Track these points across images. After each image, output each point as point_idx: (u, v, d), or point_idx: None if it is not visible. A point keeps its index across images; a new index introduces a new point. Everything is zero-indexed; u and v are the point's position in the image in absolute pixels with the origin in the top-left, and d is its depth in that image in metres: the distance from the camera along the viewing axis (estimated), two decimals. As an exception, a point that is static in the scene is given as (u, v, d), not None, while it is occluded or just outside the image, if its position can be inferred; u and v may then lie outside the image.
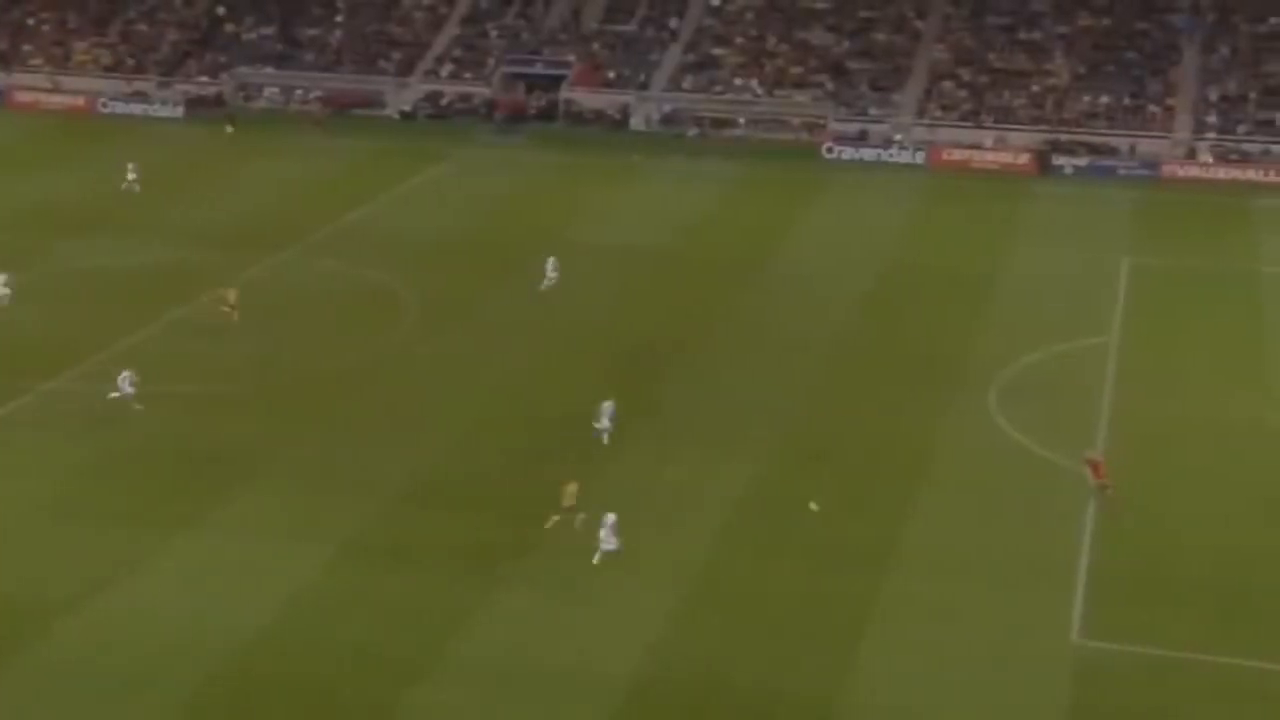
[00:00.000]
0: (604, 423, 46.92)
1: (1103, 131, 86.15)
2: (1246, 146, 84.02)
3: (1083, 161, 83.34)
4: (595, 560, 39.73)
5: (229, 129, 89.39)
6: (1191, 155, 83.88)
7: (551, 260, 60.48)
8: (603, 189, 78.42)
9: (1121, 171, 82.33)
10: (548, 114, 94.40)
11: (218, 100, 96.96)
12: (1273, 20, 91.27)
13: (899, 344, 56.41)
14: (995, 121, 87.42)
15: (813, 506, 43.38)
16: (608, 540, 39.84)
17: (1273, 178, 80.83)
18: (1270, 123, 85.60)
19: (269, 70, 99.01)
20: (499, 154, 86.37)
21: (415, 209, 74.88)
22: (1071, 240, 69.62)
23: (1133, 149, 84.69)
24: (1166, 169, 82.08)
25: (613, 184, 79.50)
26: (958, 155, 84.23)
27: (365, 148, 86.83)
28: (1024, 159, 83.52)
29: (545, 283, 60.26)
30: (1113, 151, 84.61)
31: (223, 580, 39.33)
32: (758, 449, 47.22)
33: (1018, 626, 37.53)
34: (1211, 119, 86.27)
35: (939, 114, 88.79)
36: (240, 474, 45.23)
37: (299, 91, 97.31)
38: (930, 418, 49.70)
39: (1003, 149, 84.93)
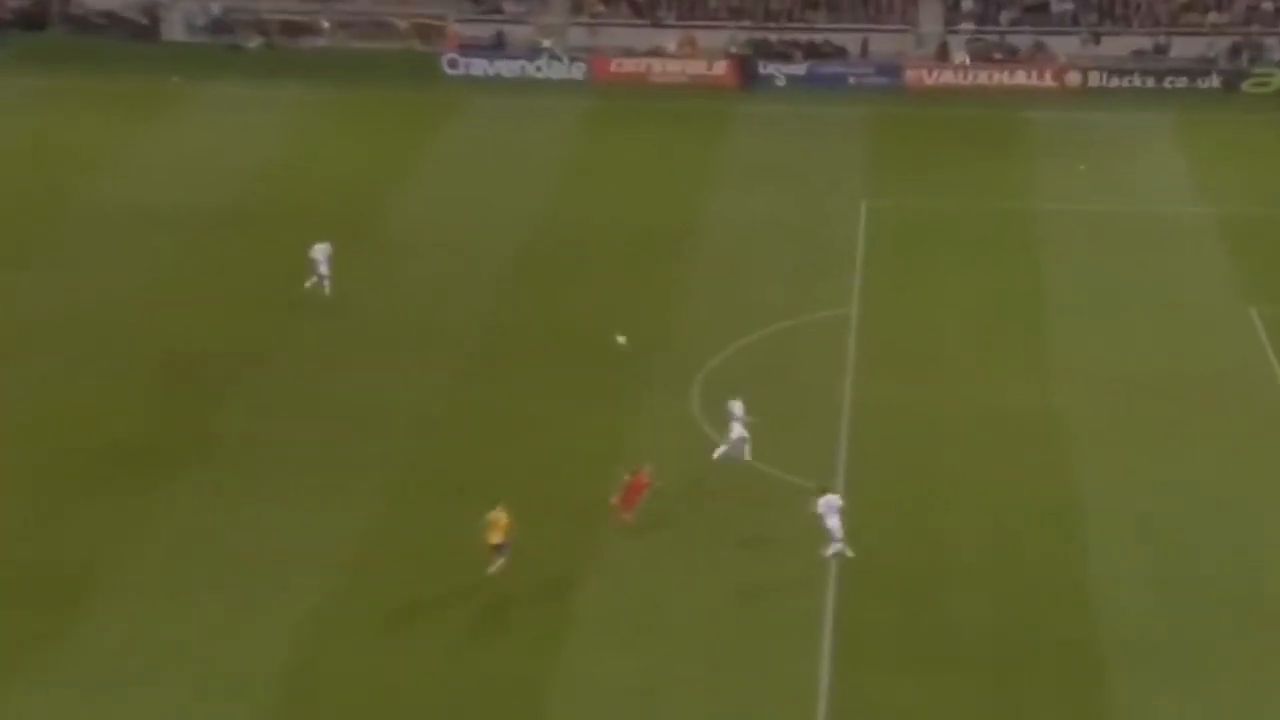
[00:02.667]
0: (738, 431, 48.25)
1: (823, 26, 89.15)
2: (1013, 40, 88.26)
3: (799, 69, 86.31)
4: (827, 554, 43.39)
5: None
6: (943, 55, 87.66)
7: (321, 248, 58.89)
8: (128, 127, 77.41)
9: (852, 80, 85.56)
10: (34, 19, 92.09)
11: None
12: None
13: (565, 330, 57.53)
14: (679, 18, 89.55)
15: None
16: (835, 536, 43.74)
17: (1048, 81, 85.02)
18: (1043, 7, 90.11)
19: None
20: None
21: None
22: (791, 178, 71.82)
23: (865, 49, 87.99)
24: (911, 74, 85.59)
25: (142, 119, 78.62)
26: (630, 66, 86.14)
27: None
28: (721, 68, 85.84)
29: (313, 280, 58.94)
30: (839, 54, 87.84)
31: None
32: (372, 487, 47.56)
33: (743, 711, 38.73)
34: (968, 5, 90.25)
35: (602, 10, 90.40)
36: None
37: None
38: (612, 430, 50.87)
39: (691, 55, 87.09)
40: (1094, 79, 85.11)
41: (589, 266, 63.07)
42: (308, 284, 58.93)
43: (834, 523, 43.65)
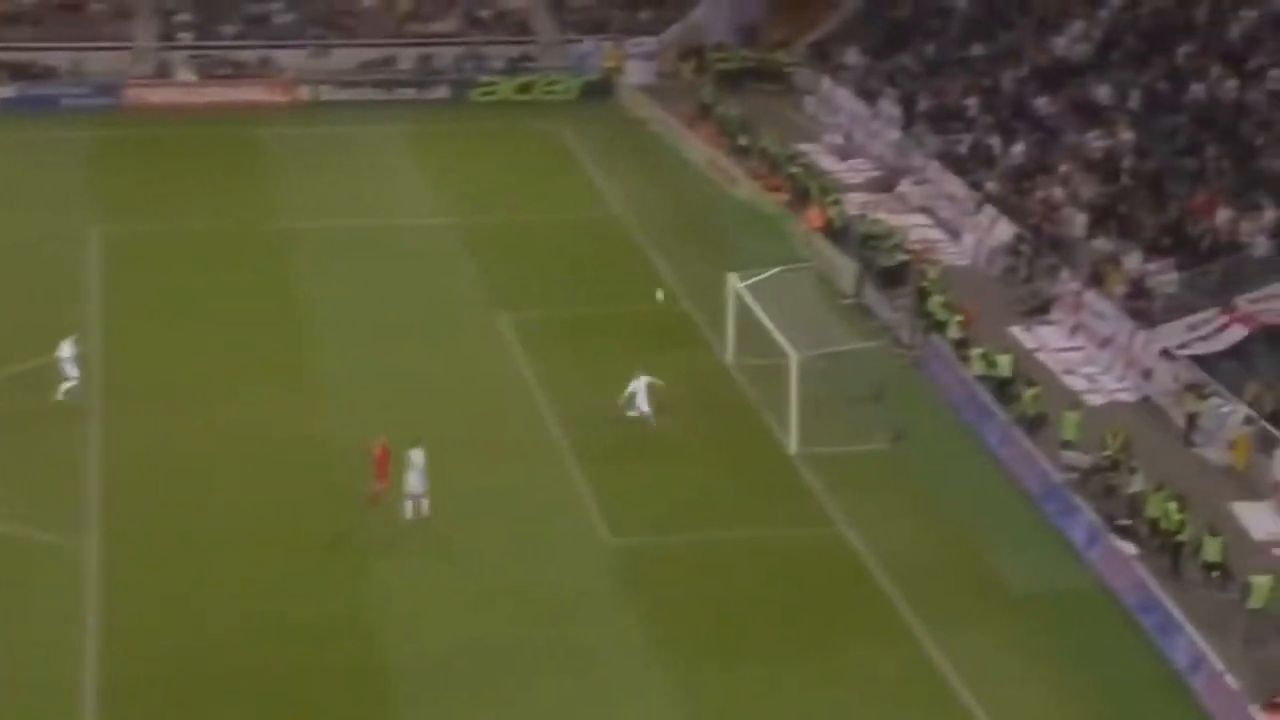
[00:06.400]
0: (641, 406, 51.78)
1: (29, 45, 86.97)
2: (240, 55, 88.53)
3: (8, 90, 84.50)
4: None
5: None
6: (165, 72, 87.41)
7: (67, 344, 53.89)
8: None
9: (67, 102, 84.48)
10: None
11: None
12: None
13: None
14: None
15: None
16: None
17: (278, 96, 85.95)
18: (265, 20, 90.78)
19: None
20: None
21: None
22: (15, 209, 70.63)
23: (78, 68, 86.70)
24: (132, 94, 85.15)
25: None
26: None
27: None
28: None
29: (68, 385, 53.71)
30: (50, 74, 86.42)
31: None
32: None
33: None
34: (184, 17, 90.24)
35: None
36: None
37: None
38: None
39: None
40: (324, 92, 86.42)
41: None
42: (61, 392, 53.98)
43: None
